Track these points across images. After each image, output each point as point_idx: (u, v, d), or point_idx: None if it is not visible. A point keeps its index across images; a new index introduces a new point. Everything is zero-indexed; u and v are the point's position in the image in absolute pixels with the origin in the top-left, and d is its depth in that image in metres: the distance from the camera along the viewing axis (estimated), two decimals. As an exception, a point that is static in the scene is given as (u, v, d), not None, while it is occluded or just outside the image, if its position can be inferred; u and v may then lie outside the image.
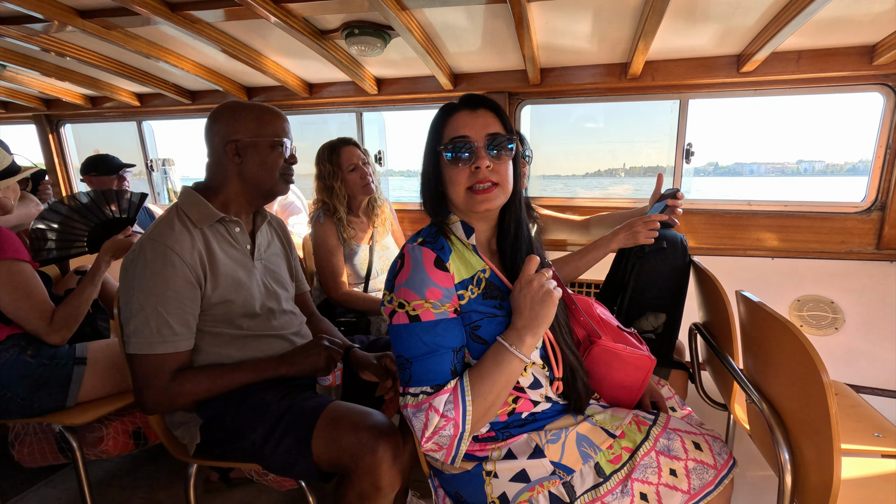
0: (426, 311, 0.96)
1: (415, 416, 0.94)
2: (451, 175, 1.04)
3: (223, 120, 1.31)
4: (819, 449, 0.96)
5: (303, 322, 1.55)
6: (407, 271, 0.99)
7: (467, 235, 1.08)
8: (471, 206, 1.04)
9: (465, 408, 0.94)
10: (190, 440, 1.30)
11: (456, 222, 1.09)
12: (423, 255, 0.99)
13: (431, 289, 0.97)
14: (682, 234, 1.64)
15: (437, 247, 1.02)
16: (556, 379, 1.07)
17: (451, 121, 1.05)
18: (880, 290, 2.35)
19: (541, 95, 2.68)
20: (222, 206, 1.34)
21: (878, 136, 2.27)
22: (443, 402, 0.93)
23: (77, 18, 1.89)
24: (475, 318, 1.01)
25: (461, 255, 1.06)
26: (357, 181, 2.14)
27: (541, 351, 1.06)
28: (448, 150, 1.03)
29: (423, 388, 0.95)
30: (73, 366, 1.58)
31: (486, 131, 1.03)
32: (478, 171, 1.01)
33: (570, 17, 1.87)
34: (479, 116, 1.04)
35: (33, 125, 3.60)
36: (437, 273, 0.98)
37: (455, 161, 1.03)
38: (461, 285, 1.02)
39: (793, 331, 0.99)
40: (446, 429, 0.93)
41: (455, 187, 1.04)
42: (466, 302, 1.02)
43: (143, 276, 1.18)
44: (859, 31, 1.95)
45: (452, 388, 0.94)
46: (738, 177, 20.25)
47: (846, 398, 1.76)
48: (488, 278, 1.06)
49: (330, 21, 1.97)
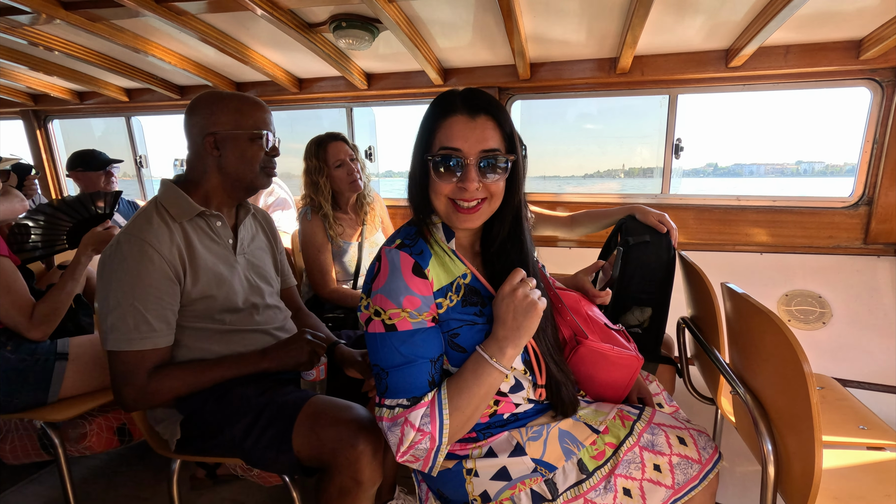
0: (403, 321, 0.92)
1: (390, 430, 0.91)
2: (435, 183, 0.96)
3: (201, 111, 1.28)
4: (801, 440, 0.96)
5: (287, 317, 1.53)
6: (384, 277, 0.94)
7: (448, 239, 1.02)
8: (449, 221, 0.99)
9: (443, 422, 0.90)
10: (171, 436, 1.28)
11: (438, 223, 1.03)
12: (401, 261, 0.94)
13: (409, 297, 0.92)
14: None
15: (416, 251, 0.97)
16: (539, 386, 1.04)
17: (446, 125, 0.94)
18: (868, 285, 2.36)
19: (531, 90, 2.67)
20: (203, 199, 1.31)
21: (865, 132, 2.29)
22: (419, 416, 0.89)
23: (60, 10, 1.87)
24: (454, 326, 0.97)
25: (441, 260, 1.00)
26: (343, 177, 2.11)
27: (523, 355, 1.02)
28: (436, 160, 0.94)
29: (400, 401, 0.91)
30: (54, 361, 1.56)
31: (482, 147, 0.93)
32: (462, 190, 0.94)
33: (557, 9, 1.86)
34: (477, 126, 0.93)
35: (20, 120, 3.57)
36: (416, 280, 0.93)
37: (441, 172, 0.94)
38: (440, 293, 0.97)
39: (775, 321, 0.99)
40: (422, 443, 0.90)
41: (438, 196, 0.97)
42: (445, 311, 0.97)
43: (120, 272, 1.16)
44: (845, 25, 1.95)
45: (429, 402, 0.91)
46: (737, 178, 20.19)
47: (833, 391, 1.77)
48: (468, 283, 1.01)
49: (317, 14, 1.95)
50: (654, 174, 2.71)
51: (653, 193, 2.68)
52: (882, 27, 1.92)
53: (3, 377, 1.49)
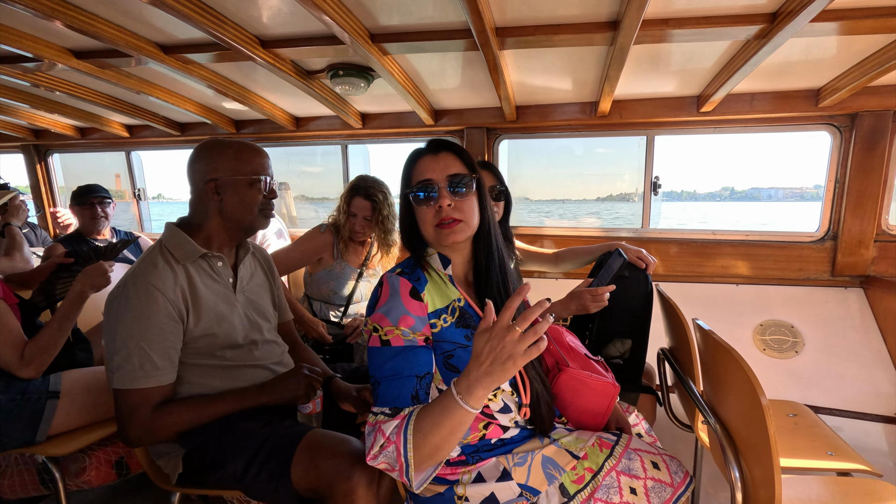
0: (396, 338, 1.04)
1: (368, 434, 1.00)
2: (420, 215, 1.14)
3: (203, 159, 1.37)
4: (763, 468, 1.04)
5: (284, 351, 1.60)
6: (384, 299, 1.07)
7: (444, 266, 1.16)
8: (438, 241, 1.14)
9: (406, 437, 0.94)
10: (173, 469, 1.33)
11: (433, 254, 1.17)
12: (400, 285, 1.08)
13: (404, 317, 1.05)
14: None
15: (414, 278, 1.10)
16: (524, 405, 1.14)
17: (417, 165, 1.15)
18: (837, 315, 2.48)
19: (517, 131, 2.82)
20: (205, 241, 1.39)
21: (827, 172, 2.45)
22: (391, 427, 0.97)
23: (73, 59, 1.98)
24: (448, 348, 1.09)
25: (437, 286, 1.14)
26: (349, 225, 2.29)
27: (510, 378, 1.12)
28: (414, 192, 1.13)
29: (384, 410, 1.00)
30: (45, 400, 1.57)
31: (447, 172, 1.13)
32: (440, 210, 1.11)
33: (540, 62, 2.01)
34: (441, 159, 1.14)
35: (21, 154, 3.64)
36: (412, 302, 1.07)
37: (421, 202, 1.13)
38: (434, 314, 1.10)
39: (735, 356, 1.08)
40: (389, 449, 0.96)
41: (424, 225, 1.14)
42: (439, 330, 1.09)
43: (126, 313, 1.22)
44: (804, 76, 2.13)
45: (402, 417, 0.97)
46: (755, 202, 20.51)
47: (805, 418, 1.86)
48: (462, 307, 1.14)
49: (316, 63, 2.08)
50: (634, 197, 2.85)
51: (634, 227, 2.81)
52: (836, 78, 2.09)
53: None
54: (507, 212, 1.94)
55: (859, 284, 2.47)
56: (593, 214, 10.35)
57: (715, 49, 1.84)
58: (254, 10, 1.60)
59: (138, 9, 1.60)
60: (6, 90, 2.51)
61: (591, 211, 10.05)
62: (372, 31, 1.75)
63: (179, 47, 1.90)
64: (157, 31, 1.78)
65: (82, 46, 1.95)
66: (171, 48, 1.91)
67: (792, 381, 2.48)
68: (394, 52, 1.86)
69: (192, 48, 1.90)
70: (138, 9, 1.60)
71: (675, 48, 1.83)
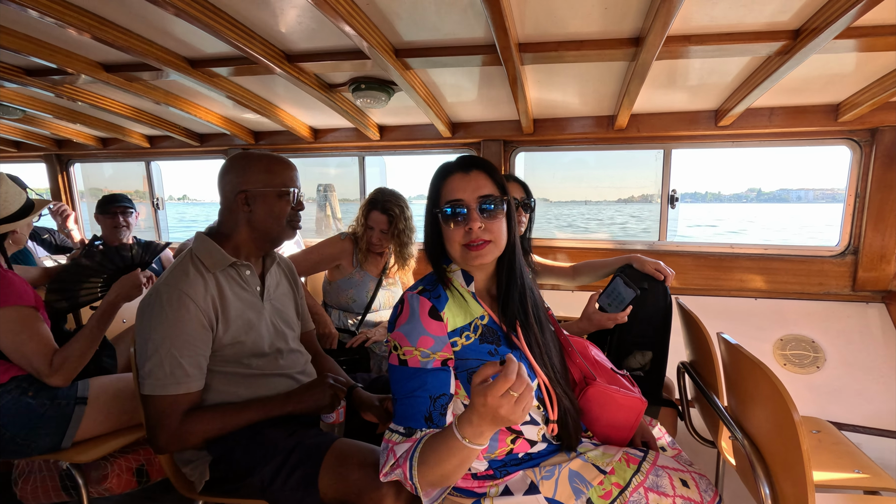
0: (413, 358, 1.05)
1: (382, 451, 1.04)
2: (447, 234, 1.13)
3: (234, 171, 1.40)
4: (795, 483, 1.03)
5: (308, 360, 1.61)
6: (405, 318, 1.08)
7: (467, 283, 1.17)
8: (465, 262, 1.14)
9: (412, 472, 0.96)
10: (199, 477, 1.34)
11: (456, 271, 1.18)
12: (419, 305, 1.08)
13: (423, 338, 1.06)
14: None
15: (434, 295, 1.11)
16: (552, 421, 1.14)
17: (447, 183, 1.14)
18: (858, 330, 2.46)
19: (534, 144, 2.84)
20: (234, 250, 1.41)
21: (847, 186, 2.44)
22: (401, 450, 1.00)
23: (102, 72, 2.03)
24: (473, 365, 1.09)
25: (459, 303, 1.14)
26: (367, 238, 2.32)
27: (536, 392, 1.12)
28: (444, 213, 1.12)
29: (398, 429, 1.03)
30: (74, 406, 1.59)
31: (478, 193, 1.11)
32: (470, 231, 1.10)
33: (559, 76, 2.04)
34: (472, 179, 1.13)
35: (43, 164, 3.71)
36: (431, 322, 1.07)
37: (450, 222, 1.12)
38: (455, 332, 1.10)
39: (765, 371, 1.08)
40: (397, 471, 1.00)
41: (452, 244, 1.13)
42: (461, 349, 1.09)
43: (158, 320, 1.24)
44: (824, 92, 2.13)
45: (412, 442, 1.00)
46: (784, 203, 20.04)
47: (829, 435, 1.83)
48: (486, 324, 1.15)
49: (338, 76, 2.12)
50: (653, 199, 2.84)
51: (650, 241, 2.81)
52: (856, 94, 2.09)
53: (22, 422, 1.51)
54: (530, 224, 1.95)
55: (881, 300, 2.44)
56: (610, 221, 10.20)
57: (735, 64, 1.85)
58: (281, 24, 1.64)
59: (168, 24, 1.64)
60: (31, 101, 2.57)
61: (609, 215, 9.84)
62: (396, 46, 1.78)
63: (206, 61, 1.95)
64: (186, 45, 1.82)
65: (112, 60, 2.00)
66: (199, 62, 1.96)
67: (813, 397, 2.45)
68: (416, 66, 1.90)
69: (219, 62, 1.94)
70: (168, 24, 1.64)
71: (695, 63, 1.85)
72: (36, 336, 1.56)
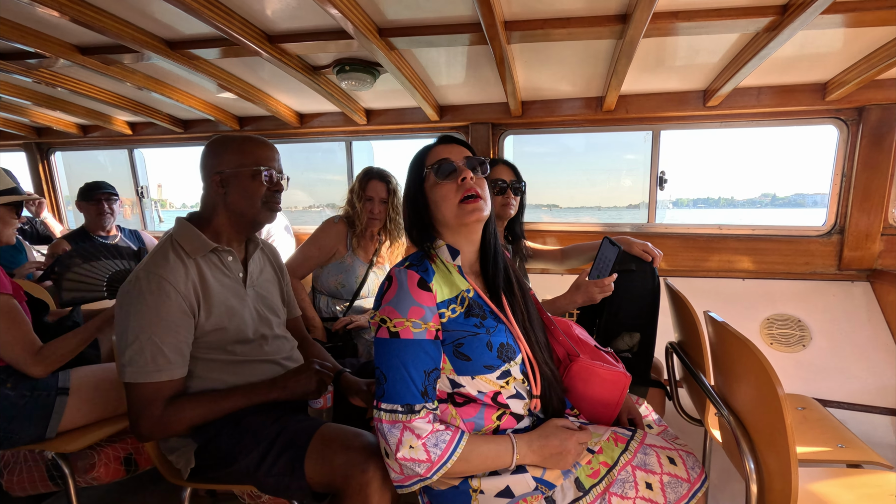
0: (406, 330, 1.04)
1: (389, 431, 1.01)
2: (439, 193, 1.15)
3: (211, 153, 1.38)
4: (779, 458, 1.04)
5: (294, 346, 1.59)
6: (393, 292, 1.07)
7: (453, 257, 1.16)
8: (462, 218, 1.13)
9: (445, 464, 1.02)
10: (185, 464, 1.33)
11: (442, 246, 1.17)
12: (407, 277, 1.08)
13: (414, 308, 1.05)
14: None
15: (422, 269, 1.10)
16: (535, 396, 1.14)
17: (431, 152, 1.19)
18: (843, 309, 2.49)
19: (522, 126, 2.82)
20: (214, 235, 1.39)
21: (834, 166, 2.45)
22: (425, 431, 1.02)
23: (78, 55, 1.97)
24: (458, 337, 1.09)
25: (445, 277, 1.14)
26: (366, 211, 2.29)
27: (521, 367, 1.13)
28: (434, 168, 1.15)
29: (395, 406, 1.02)
30: (55, 396, 1.57)
31: (463, 155, 1.18)
32: (464, 181, 1.13)
33: (547, 56, 2.01)
34: (455, 148, 1.19)
35: (23, 153, 3.63)
36: (420, 293, 1.06)
37: (442, 176, 1.14)
38: (443, 304, 1.10)
39: (751, 347, 1.08)
40: (420, 465, 1.00)
41: (445, 202, 1.14)
42: (447, 320, 1.09)
43: (138, 307, 1.22)
44: (811, 70, 2.12)
45: (454, 436, 1.04)
46: (799, 208, 19.43)
47: (813, 411, 1.86)
48: (472, 297, 1.14)
49: (322, 58, 2.08)
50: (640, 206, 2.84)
51: (639, 223, 2.81)
52: (843, 72, 2.09)
53: (3, 414, 1.49)
54: (521, 208, 1.94)
55: (866, 278, 2.47)
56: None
57: (722, 43, 1.83)
58: (262, 3, 1.60)
59: (145, 3, 1.60)
60: (8, 87, 2.50)
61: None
62: (380, 24, 1.74)
63: (186, 43, 1.90)
64: (164, 26, 1.77)
65: (88, 42, 1.94)
66: (178, 44, 1.90)
67: (799, 375, 2.48)
68: (401, 46, 1.86)
69: (199, 44, 1.89)
70: (145, 3, 1.60)
71: (682, 42, 1.83)
72: (14, 324, 1.53)
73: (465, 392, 1.10)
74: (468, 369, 1.08)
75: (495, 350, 1.09)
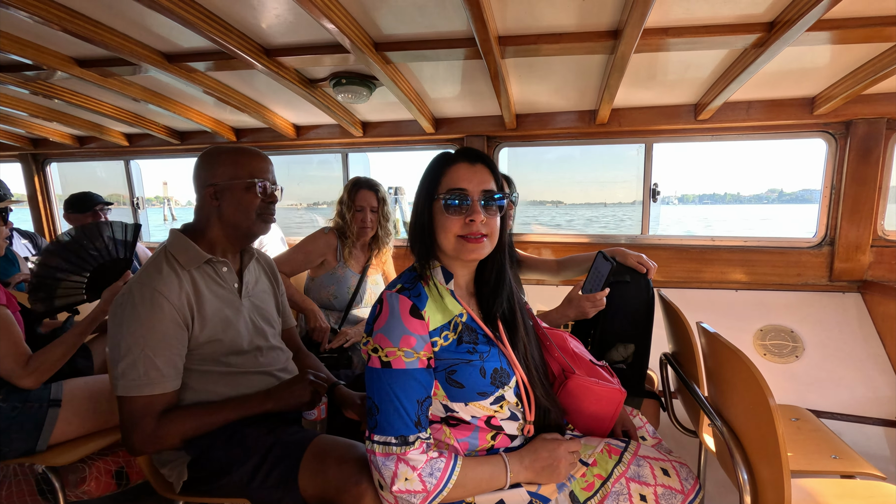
0: (398, 360, 1.02)
1: (383, 464, 1.00)
2: (444, 222, 1.09)
3: (204, 165, 1.38)
4: (772, 469, 1.05)
5: (289, 358, 1.59)
6: (384, 318, 1.04)
7: (446, 280, 1.14)
8: (460, 254, 1.09)
9: (441, 492, 1.01)
10: (177, 477, 1.31)
11: (436, 267, 1.14)
12: (399, 304, 1.05)
13: (405, 337, 1.02)
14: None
15: (414, 294, 1.07)
16: (528, 422, 1.14)
17: (451, 171, 1.10)
18: (835, 320, 2.51)
19: (517, 139, 2.85)
20: (208, 247, 1.38)
21: (823, 178, 2.49)
22: (428, 471, 1.00)
23: (76, 67, 1.98)
24: (450, 365, 1.07)
25: (438, 302, 1.11)
26: (357, 221, 2.30)
27: (514, 389, 1.12)
28: (445, 199, 1.08)
29: (388, 439, 1.00)
30: (47, 408, 1.56)
31: (483, 187, 1.09)
32: (472, 223, 1.07)
33: (540, 70, 2.04)
34: (477, 172, 1.10)
35: (19, 163, 3.63)
36: (412, 321, 1.04)
37: (451, 210, 1.08)
38: (435, 332, 1.07)
39: (742, 357, 1.09)
40: (416, 497, 0.99)
41: (447, 234, 1.09)
42: (440, 349, 1.07)
43: (131, 320, 1.21)
44: (800, 84, 2.17)
45: (448, 464, 1.02)
46: (807, 204, 19.63)
47: (807, 422, 1.86)
48: (465, 322, 1.12)
49: (319, 72, 2.10)
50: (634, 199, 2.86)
51: (632, 234, 2.83)
52: (831, 87, 2.13)
53: None
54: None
55: (857, 289, 2.49)
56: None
57: (712, 58, 1.87)
58: (259, 18, 1.62)
59: (144, 17, 1.61)
60: (5, 98, 2.50)
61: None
62: (375, 39, 1.77)
63: (183, 56, 1.92)
64: (162, 39, 1.79)
65: (86, 55, 1.96)
66: (175, 57, 1.92)
67: (793, 386, 2.49)
68: (397, 60, 1.88)
69: (196, 57, 1.91)
70: (144, 17, 1.61)
71: (673, 57, 1.87)
72: (6, 335, 1.51)
73: (458, 416, 1.09)
74: (461, 396, 1.07)
75: (489, 376, 1.08)
